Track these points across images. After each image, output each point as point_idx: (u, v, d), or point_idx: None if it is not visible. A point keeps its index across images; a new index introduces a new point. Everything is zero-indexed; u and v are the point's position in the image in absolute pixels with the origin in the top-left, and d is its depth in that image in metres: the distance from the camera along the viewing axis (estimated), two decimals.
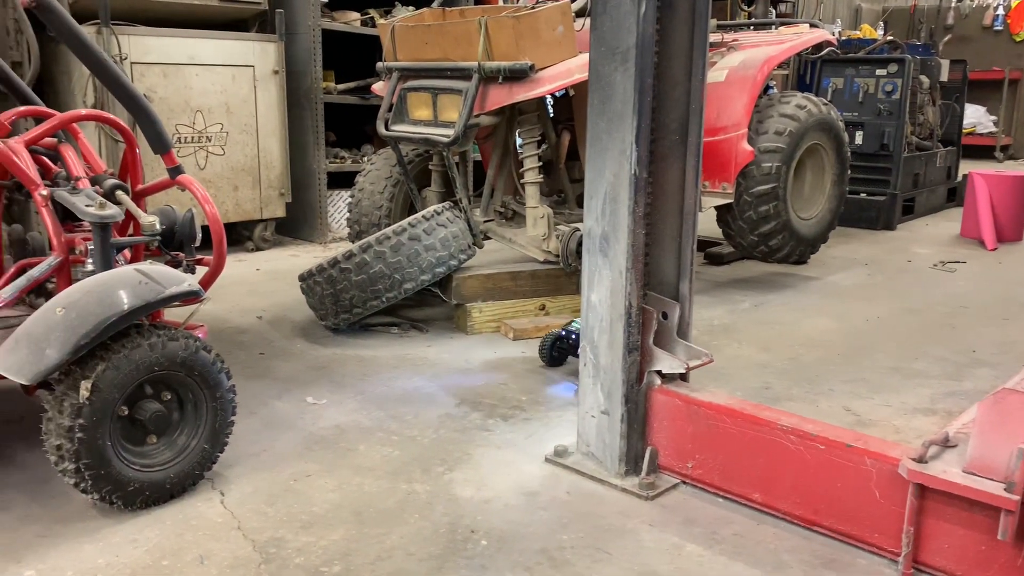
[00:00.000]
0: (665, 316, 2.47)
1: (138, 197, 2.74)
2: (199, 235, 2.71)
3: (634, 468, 2.49)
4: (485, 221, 4.17)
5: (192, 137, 5.13)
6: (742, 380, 3.33)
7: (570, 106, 4.51)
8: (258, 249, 5.65)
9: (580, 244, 3.83)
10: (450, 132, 3.69)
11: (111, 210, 2.36)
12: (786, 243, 4.74)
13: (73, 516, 2.25)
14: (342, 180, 5.95)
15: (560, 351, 3.39)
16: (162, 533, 2.18)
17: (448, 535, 2.19)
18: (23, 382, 2.08)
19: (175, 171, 2.70)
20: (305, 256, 5.49)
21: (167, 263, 2.60)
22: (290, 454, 2.65)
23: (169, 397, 2.33)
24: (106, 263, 2.35)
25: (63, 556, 2.07)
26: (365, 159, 6.03)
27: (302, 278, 3.78)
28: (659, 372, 2.48)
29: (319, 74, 5.57)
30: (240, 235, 5.66)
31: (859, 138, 6.79)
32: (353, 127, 6.40)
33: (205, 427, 2.37)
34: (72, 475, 2.15)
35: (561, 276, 3.97)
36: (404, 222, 3.65)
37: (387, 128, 4.03)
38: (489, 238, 4.20)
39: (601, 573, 2.03)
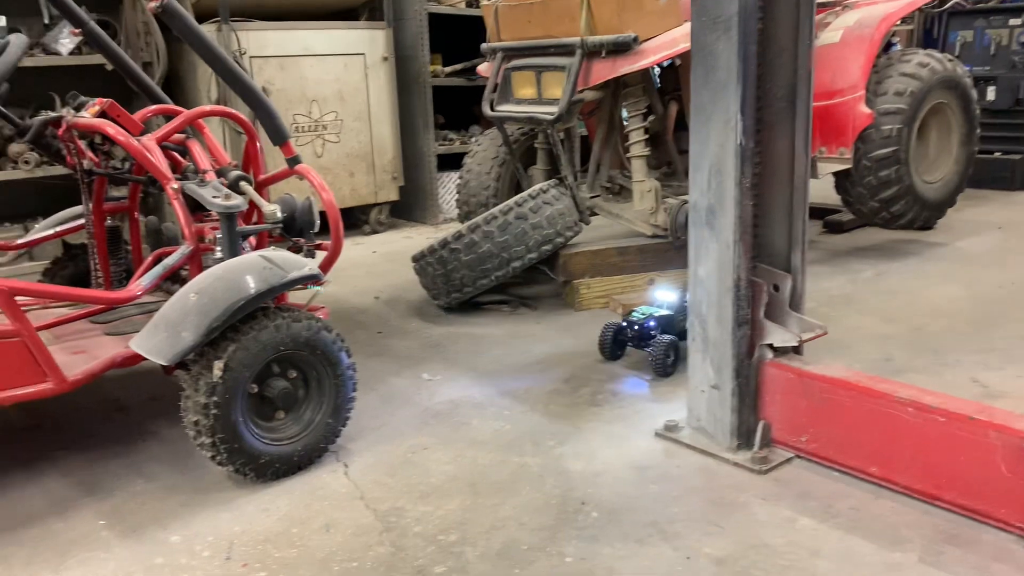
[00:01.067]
0: (776, 288, 2.42)
1: (260, 187, 2.89)
2: (317, 221, 2.84)
3: (746, 442, 2.47)
4: (591, 197, 4.17)
5: (309, 126, 5.34)
6: (862, 352, 3.23)
7: (677, 76, 4.44)
8: (374, 232, 5.84)
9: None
10: (554, 109, 3.71)
11: (236, 200, 2.51)
12: (909, 208, 4.53)
13: (211, 487, 2.43)
14: (451, 162, 6.05)
15: (619, 343, 3.23)
16: (291, 503, 2.32)
17: (559, 507, 2.24)
18: (162, 363, 2.25)
19: (293, 161, 2.83)
20: (418, 237, 5.64)
21: (288, 249, 2.74)
22: (408, 428, 2.76)
23: (295, 375, 2.46)
24: (233, 251, 2.50)
25: (203, 523, 2.24)
26: (472, 140, 6.13)
27: (415, 259, 3.90)
28: (771, 345, 2.44)
29: (426, 58, 5.68)
30: (357, 219, 5.86)
31: (991, 94, 6.38)
32: (460, 109, 6.49)
33: (328, 403, 2.50)
34: (209, 449, 2.32)
35: (670, 250, 3.93)
36: (510, 201, 3.70)
37: (492, 108, 4.08)
38: (596, 214, 4.20)
39: (713, 546, 2.04)
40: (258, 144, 2.92)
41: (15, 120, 2.80)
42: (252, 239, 2.91)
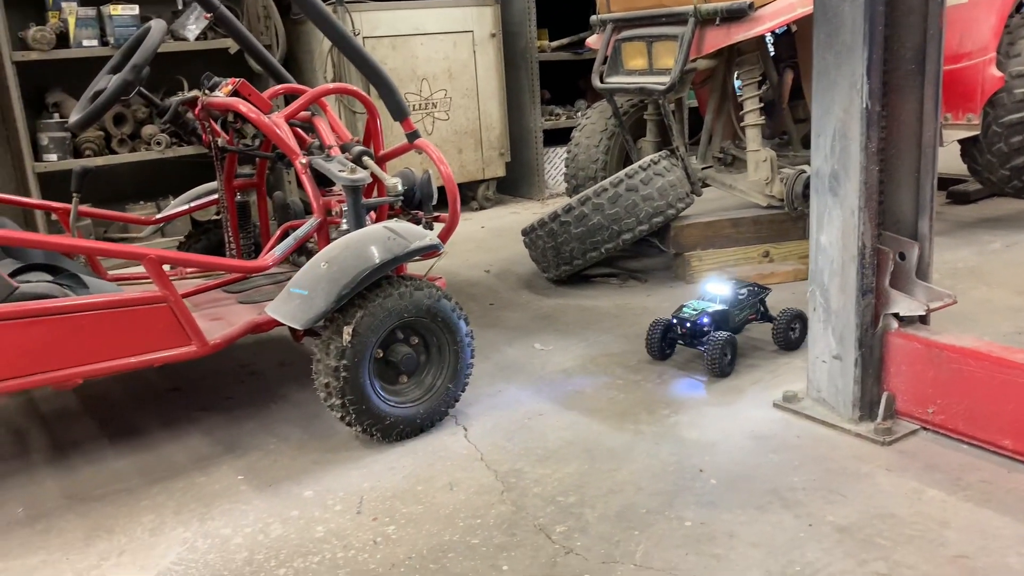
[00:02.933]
0: (902, 257, 2.35)
1: (380, 161, 2.99)
2: (435, 194, 2.92)
3: (868, 414, 2.42)
4: (703, 168, 4.12)
5: (420, 104, 5.45)
6: (991, 324, 3.10)
7: (792, 43, 4.32)
8: (481, 208, 5.93)
9: (806, 186, 3.70)
10: (666, 79, 3.68)
11: (361, 174, 2.61)
12: None
13: (339, 447, 2.55)
14: (557, 137, 6.07)
15: (669, 341, 2.98)
16: (415, 462, 2.42)
17: (676, 473, 2.26)
18: (297, 327, 2.37)
19: (412, 136, 2.92)
20: (525, 213, 5.69)
21: (408, 221, 2.83)
22: (523, 395, 2.82)
23: (416, 341, 2.56)
24: (359, 222, 2.61)
25: (334, 480, 2.36)
26: (579, 114, 6.12)
27: (524, 232, 3.95)
28: (896, 315, 2.38)
29: (534, 33, 5.70)
30: (464, 195, 5.95)
31: None
32: (566, 83, 6.49)
33: (448, 368, 2.58)
34: (339, 410, 2.44)
35: (786, 221, 3.85)
36: (621, 173, 3.70)
37: (602, 81, 4.07)
38: (708, 185, 4.15)
39: (836, 514, 2.02)
40: (378, 120, 3.02)
41: (155, 101, 2.97)
42: (372, 212, 3.02)
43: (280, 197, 3.39)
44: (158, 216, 3.38)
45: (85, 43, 4.62)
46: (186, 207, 3.39)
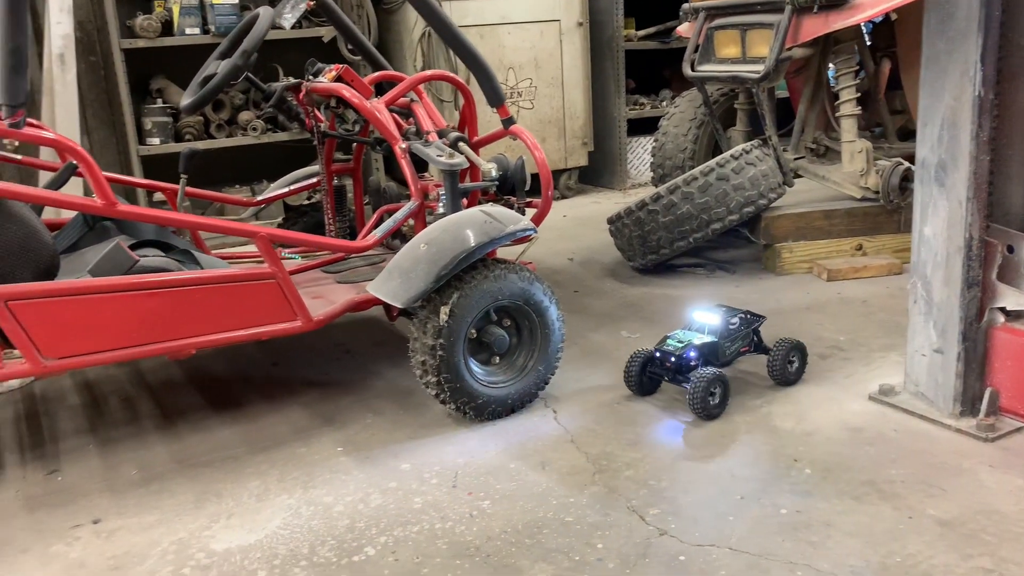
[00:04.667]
0: (1011, 250, 2.29)
1: (475, 147, 3.04)
2: (528, 180, 2.96)
3: (970, 409, 2.36)
4: (795, 159, 4.06)
5: (505, 93, 5.49)
6: None
7: (891, 31, 4.21)
8: (563, 197, 5.95)
9: (903, 179, 3.62)
10: (760, 68, 3.64)
11: (458, 159, 2.66)
12: None
13: (433, 423, 2.62)
14: (641, 127, 6.05)
15: (652, 376, 2.67)
16: (507, 442, 2.47)
17: (770, 462, 2.25)
18: (398, 306, 2.45)
19: (508, 122, 2.96)
20: (606, 203, 5.69)
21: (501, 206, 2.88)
22: (611, 380, 2.84)
23: (509, 323, 2.61)
24: (455, 206, 2.66)
25: (430, 454, 2.43)
26: (664, 104, 6.08)
27: (610, 221, 3.96)
28: (1003, 309, 2.32)
29: (620, 22, 5.68)
30: None
31: None
32: (652, 73, 6.45)
33: (539, 351, 2.63)
34: (434, 387, 2.50)
35: (880, 214, 3.77)
36: (712, 162, 3.68)
37: (693, 69, 4.04)
38: (800, 176, 4.09)
39: (937, 508, 1.99)
40: (474, 107, 3.07)
41: (261, 86, 3.09)
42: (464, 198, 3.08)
43: (375, 182, 3.48)
44: (258, 198, 3.50)
45: (188, 31, 4.80)
46: (285, 190, 3.50)
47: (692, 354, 2.57)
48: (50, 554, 2.05)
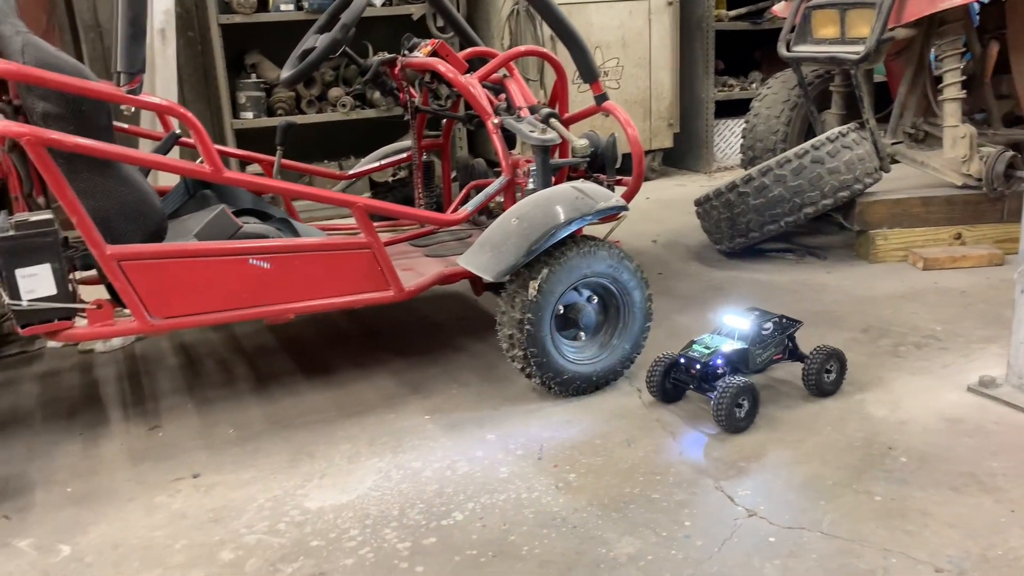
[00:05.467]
0: None
1: (565, 124, 3.03)
2: (619, 158, 2.95)
3: None
4: (892, 143, 3.94)
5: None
6: None
7: (1001, 12, 4.02)
8: (646, 179, 5.89)
9: (1009, 166, 3.48)
10: (859, 49, 3.53)
11: (551, 135, 2.67)
12: None
13: (517, 397, 2.64)
14: (729, 109, 5.94)
15: (676, 383, 2.50)
16: (592, 418, 2.47)
17: (863, 449, 2.21)
18: (488, 278, 2.47)
19: (601, 98, 2.95)
20: (691, 185, 5.61)
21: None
22: None
23: (597, 301, 2.61)
24: (546, 181, 2.67)
25: (514, 426, 2.45)
26: (754, 86, 5.96)
27: (698, 202, 3.91)
28: None
29: (711, 1, 5.57)
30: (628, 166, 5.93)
31: None
32: (742, 54, 6.32)
33: (625, 330, 2.62)
34: (520, 361, 2.52)
35: (982, 202, 3.63)
36: (807, 144, 3.59)
37: (788, 49, 3.95)
38: (896, 161, 3.96)
39: None
40: (567, 83, 3.07)
41: (358, 60, 3.14)
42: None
43: (464, 158, 3.52)
44: (350, 172, 3.57)
45: (283, 7, 4.90)
46: (375, 164, 3.57)
47: (719, 361, 2.38)
48: (154, 504, 2.16)
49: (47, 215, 2.16)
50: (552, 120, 2.82)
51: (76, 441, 2.50)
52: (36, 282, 2.11)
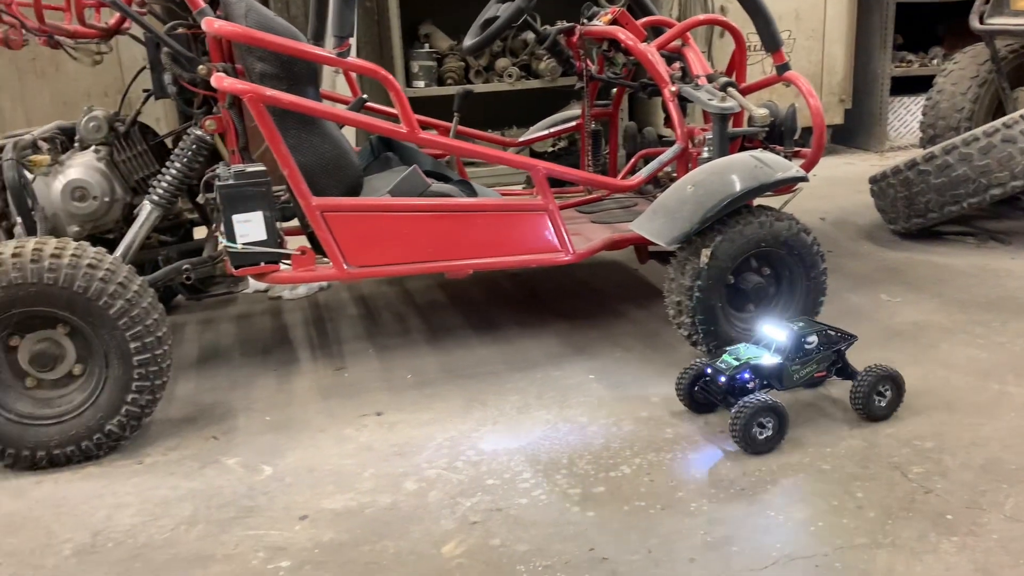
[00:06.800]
0: None
1: (743, 93, 3.01)
2: (798, 129, 2.90)
3: None
4: None
5: (760, 45, 5.32)
6: None
7: None
8: None
9: None
10: None
11: (730, 103, 2.66)
12: None
13: (682, 363, 2.60)
14: (905, 86, 5.65)
15: (704, 394, 2.32)
16: None
17: None
18: (662, 244, 2.51)
19: (783, 68, 2.91)
20: (861, 164, 5.40)
21: None
22: (869, 342, 2.74)
23: (768, 272, 2.60)
24: (723, 150, 2.67)
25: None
26: (935, 62, 5.64)
27: (873, 180, 3.78)
28: None
29: None
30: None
31: None
32: (923, 28, 5.98)
33: (798, 303, 2.60)
34: (687, 328, 2.56)
35: None
36: (998, 122, 3.40)
37: (981, 22, 3.73)
38: None
39: None
40: (745, 52, 3.04)
41: (537, 29, 3.22)
42: None
43: (632, 127, 3.55)
44: (520, 139, 3.68)
45: None
46: (545, 132, 3.65)
47: (746, 375, 2.20)
48: (343, 436, 2.35)
49: (261, 167, 2.37)
50: (730, 89, 2.81)
51: (271, 376, 2.74)
52: (249, 227, 2.33)
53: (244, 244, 2.35)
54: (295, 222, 2.76)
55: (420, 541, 1.86)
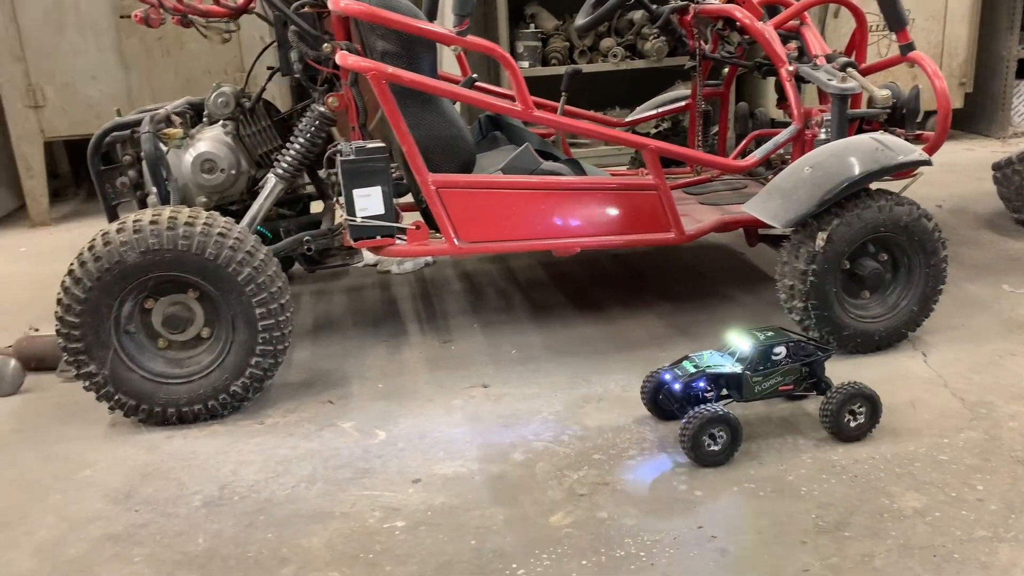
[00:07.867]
0: None
1: (863, 74, 2.92)
2: (921, 111, 2.80)
3: None
4: None
5: (874, 26, 5.13)
6: None
7: None
8: None
9: None
10: None
11: (851, 84, 2.59)
12: None
13: None
14: None
15: (666, 400, 2.20)
16: (873, 374, 2.38)
17: None
18: (778, 227, 2.47)
19: (907, 48, 2.81)
20: (980, 150, 5.16)
21: None
22: (989, 333, 2.66)
23: (886, 258, 2.53)
24: (842, 131, 2.60)
25: None
26: None
27: (996, 166, 3.62)
28: None
29: None
30: None
31: None
32: None
33: (916, 291, 2.52)
34: (799, 312, 2.51)
35: None
36: None
37: None
38: None
39: None
40: (866, 32, 2.95)
41: (650, 8, 3.19)
42: None
43: (744, 107, 3.49)
44: (628, 119, 3.66)
45: None
46: (653, 112, 3.63)
47: (701, 384, 2.10)
48: (451, 406, 2.41)
49: (380, 143, 2.44)
50: (850, 69, 2.74)
51: (381, 346, 2.83)
52: (369, 201, 2.41)
53: (363, 218, 2.43)
54: (408, 198, 2.84)
55: (529, 510, 1.91)
